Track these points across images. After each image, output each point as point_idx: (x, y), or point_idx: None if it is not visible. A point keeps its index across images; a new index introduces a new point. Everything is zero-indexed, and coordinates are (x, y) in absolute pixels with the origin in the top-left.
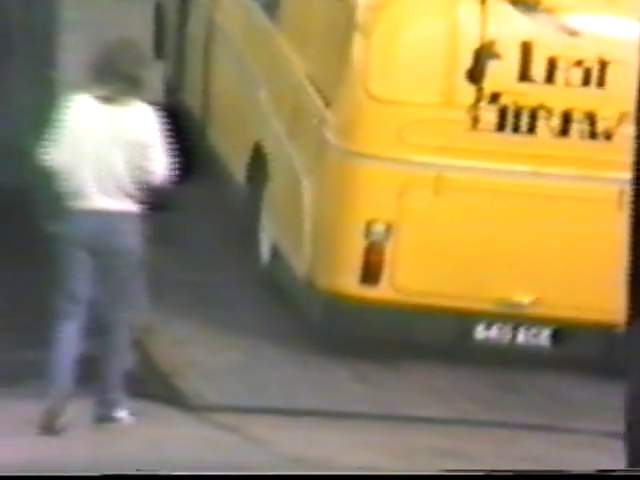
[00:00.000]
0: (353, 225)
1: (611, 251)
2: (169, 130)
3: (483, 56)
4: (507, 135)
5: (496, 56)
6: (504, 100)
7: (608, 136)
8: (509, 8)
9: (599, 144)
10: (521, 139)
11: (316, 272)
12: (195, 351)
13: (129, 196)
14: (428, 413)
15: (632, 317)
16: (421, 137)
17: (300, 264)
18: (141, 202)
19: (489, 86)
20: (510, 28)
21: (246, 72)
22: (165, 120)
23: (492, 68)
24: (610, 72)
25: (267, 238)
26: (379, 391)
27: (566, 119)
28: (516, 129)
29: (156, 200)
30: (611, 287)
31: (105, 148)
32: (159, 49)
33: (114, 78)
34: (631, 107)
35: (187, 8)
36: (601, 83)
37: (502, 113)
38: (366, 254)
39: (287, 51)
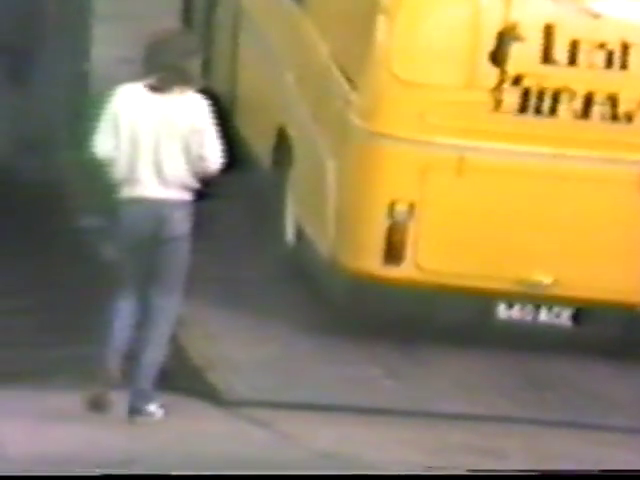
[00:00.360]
0: (376, 205)
1: (631, 232)
2: (214, 117)
3: (506, 38)
4: (529, 117)
5: (519, 39)
6: (527, 82)
7: (629, 118)
8: None
9: (620, 126)
10: (543, 121)
11: (340, 252)
12: (228, 345)
13: (182, 184)
14: (460, 409)
15: None
16: (444, 119)
17: (324, 245)
18: (192, 190)
19: (512, 68)
20: (533, 11)
21: (272, 56)
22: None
23: (515, 50)
24: (632, 55)
25: (292, 220)
26: (411, 387)
27: (588, 101)
28: (538, 111)
29: (204, 188)
30: (631, 268)
31: (158, 136)
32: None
33: (163, 68)
34: None
35: None
36: (623, 66)
37: (525, 95)
38: (389, 234)
39: (313, 34)
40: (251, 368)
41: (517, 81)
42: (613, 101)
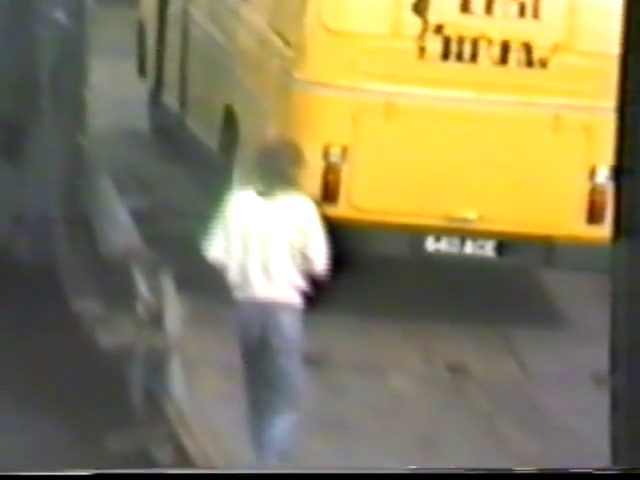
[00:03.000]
0: (312, 149)
1: (547, 170)
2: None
3: None
4: (451, 63)
5: None
6: (447, 31)
7: (544, 64)
8: None
9: (535, 72)
10: (464, 67)
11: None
12: None
13: (291, 285)
14: None
15: (616, 235)
16: (372, 66)
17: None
18: (301, 292)
19: (433, 18)
20: None
21: (217, 50)
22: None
23: (436, 2)
24: (544, 5)
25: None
26: None
27: (505, 49)
28: (459, 58)
29: (311, 290)
30: (547, 203)
31: (266, 239)
32: (142, 67)
33: (275, 175)
34: (564, 37)
35: (165, 20)
36: (536, 15)
37: (446, 43)
38: (324, 175)
39: (251, 12)
40: None
41: (438, 30)
42: (528, 48)
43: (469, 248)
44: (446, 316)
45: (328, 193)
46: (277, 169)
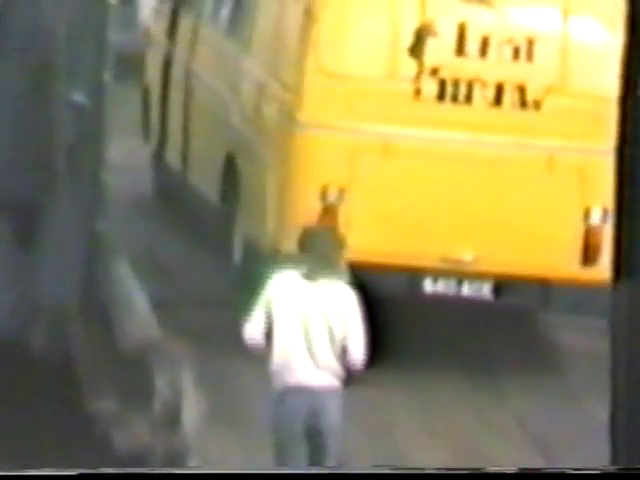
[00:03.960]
0: (309, 190)
1: (542, 211)
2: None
3: (422, 34)
4: (447, 105)
5: (434, 34)
6: (443, 73)
7: (537, 106)
8: None
9: (529, 113)
10: (460, 108)
11: (277, 238)
12: None
13: (333, 372)
14: None
15: (616, 277)
16: (369, 107)
17: (266, 236)
18: (341, 378)
19: (429, 61)
20: (446, 10)
21: (217, 101)
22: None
23: (431, 45)
24: (538, 48)
25: (240, 241)
26: None
27: (499, 90)
28: (455, 99)
29: (348, 376)
30: (543, 244)
31: (310, 324)
32: (147, 132)
33: (318, 259)
34: (557, 79)
35: (168, 81)
36: (530, 58)
37: (441, 85)
38: (321, 216)
39: (251, 62)
40: None
41: (434, 72)
42: (522, 90)
43: (466, 289)
44: (443, 358)
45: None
46: (322, 254)
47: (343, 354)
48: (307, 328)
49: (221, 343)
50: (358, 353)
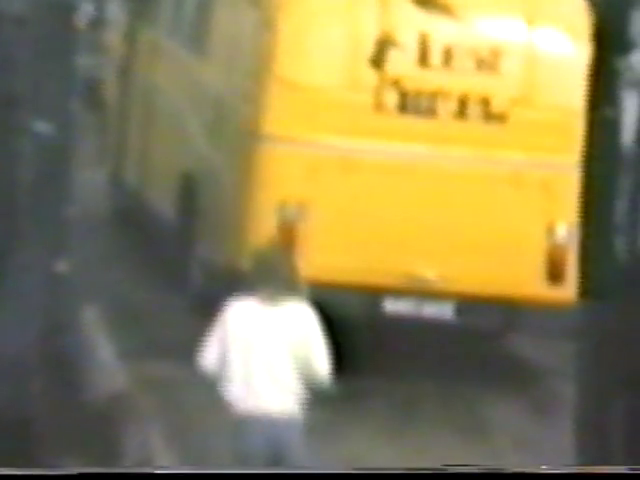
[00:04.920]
0: (267, 206)
1: (506, 228)
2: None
3: (382, 45)
4: (409, 117)
5: (395, 45)
6: (405, 84)
7: (502, 119)
8: (406, 2)
9: (494, 126)
10: (422, 121)
11: (235, 257)
12: None
13: (295, 396)
14: None
15: (582, 295)
16: (329, 119)
17: (223, 256)
18: (303, 401)
19: (391, 71)
20: (408, 20)
21: (176, 116)
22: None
23: (393, 55)
24: (503, 59)
25: (198, 262)
26: None
27: (463, 103)
28: (417, 111)
29: (312, 396)
30: (508, 262)
31: (271, 348)
32: (105, 150)
33: (274, 282)
34: (523, 91)
35: (128, 97)
36: (494, 69)
37: (403, 97)
38: (279, 232)
39: (209, 76)
40: None
41: (396, 83)
42: (486, 102)
43: (428, 309)
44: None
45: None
46: (278, 276)
47: (306, 375)
48: (268, 353)
49: (191, 395)
50: (323, 373)
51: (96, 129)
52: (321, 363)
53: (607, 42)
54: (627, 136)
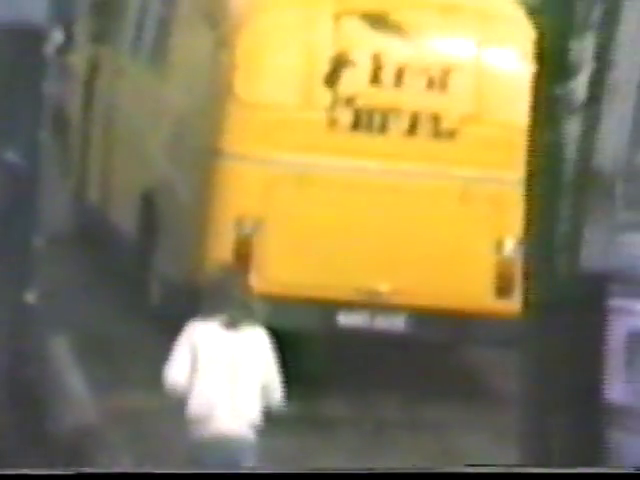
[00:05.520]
0: (223, 222)
1: (456, 242)
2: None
3: (336, 64)
4: (361, 134)
5: (348, 64)
6: (358, 102)
7: (452, 136)
8: (359, 23)
9: (444, 143)
10: (375, 138)
11: (194, 273)
12: None
13: (254, 419)
14: None
15: (525, 310)
16: (284, 137)
17: (182, 273)
18: (260, 423)
19: (344, 90)
20: (361, 40)
21: (137, 134)
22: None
23: (347, 74)
24: (452, 78)
25: (157, 276)
26: None
27: (414, 120)
28: (370, 129)
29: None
30: (458, 275)
31: (237, 372)
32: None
33: (230, 307)
34: (472, 109)
35: (90, 117)
36: (444, 88)
37: (356, 114)
38: (236, 247)
39: (169, 94)
40: None
41: (349, 101)
42: (436, 120)
43: (380, 322)
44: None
45: (239, 265)
46: (234, 301)
47: (267, 394)
48: (234, 378)
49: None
50: (279, 395)
51: (61, 151)
52: (277, 385)
53: (549, 68)
54: (568, 157)
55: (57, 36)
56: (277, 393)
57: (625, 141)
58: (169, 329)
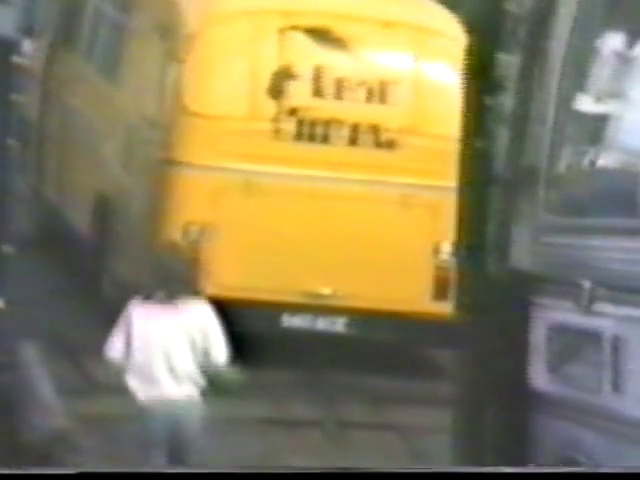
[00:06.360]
0: (172, 228)
1: (398, 247)
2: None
3: (281, 77)
4: (305, 144)
5: (292, 77)
6: (301, 114)
7: (391, 146)
8: (304, 37)
9: (384, 153)
10: (318, 147)
11: (143, 274)
12: None
13: (194, 381)
14: None
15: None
16: (231, 146)
17: (132, 274)
18: (200, 387)
19: (288, 102)
20: (304, 54)
21: (91, 137)
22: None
23: (290, 86)
24: (390, 90)
25: (110, 279)
26: None
27: (355, 131)
28: (312, 138)
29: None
30: (397, 279)
31: (173, 342)
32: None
33: (172, 281)
34: (410, 120)
35: (47, 116)
36: (383, 100)
37: (299, 125)
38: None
39: (121, 102)
40: None
41: (293, 112)
42: (376, 130)
43: (321, 324)
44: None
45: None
46: (177, 274)
47: (207, 361)
48: (166, 345)
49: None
50: (222, 356)
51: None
52: (220, 350)
53: (479, 81)
54: (497, 165)
55: (26, 46)
56: (220, 357)
57: (546, 151)
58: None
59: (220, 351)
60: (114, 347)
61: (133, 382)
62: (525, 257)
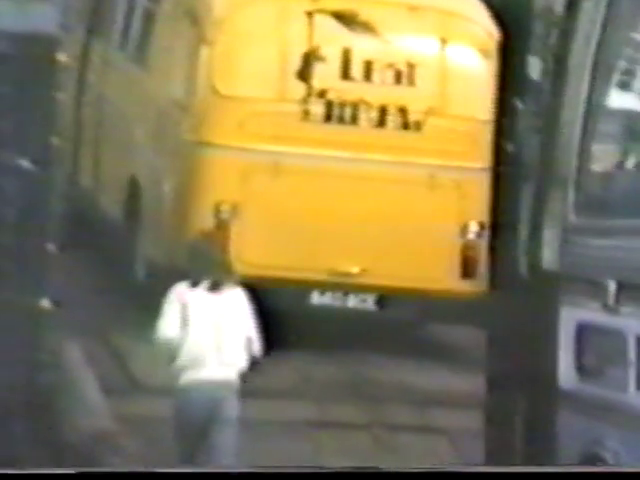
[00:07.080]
0: (202, 208)
1: (424, 226)
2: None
3: (309, 59)
4: (333, 125)
5: (320, 59)
6: (330, 96)
7: (418, 127)
8: (331, 20)
9: (411, 134)
10: (346, 129)
11: (176, 254)
12: None
13: (237, 367)
14: None
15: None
16: (260, 128)
17: (165, 254)
18: (244, 371)
19: (317, 84)
20: (332, 36)
21: (125, 124)
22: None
23: (319, 69)
24: (418, 73)
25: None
26: None
27: (382, 112)
28: (341, 120)
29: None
30: (424, 258)
31: (222, 327)
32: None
33: (211, 270)
34: (437, 102)
35: (82, 104)
36: (411, 82)
37: (328, 107)
38: (216, 231)
39: (152, 87)
40: None
41: (322, 94)
42: (403, 112)
43: (352, 301)
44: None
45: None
46: (215, 266)
47: (249, 346)
48: (218, 332)
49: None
50: (258, 345)
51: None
52: (256, 340)
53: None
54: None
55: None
56: (257, 344)
57: (575, 152)
58: (148, 304)
59: (257, 338)
60: (171, 327)
61: (181, 362)
62: (555, 254)
